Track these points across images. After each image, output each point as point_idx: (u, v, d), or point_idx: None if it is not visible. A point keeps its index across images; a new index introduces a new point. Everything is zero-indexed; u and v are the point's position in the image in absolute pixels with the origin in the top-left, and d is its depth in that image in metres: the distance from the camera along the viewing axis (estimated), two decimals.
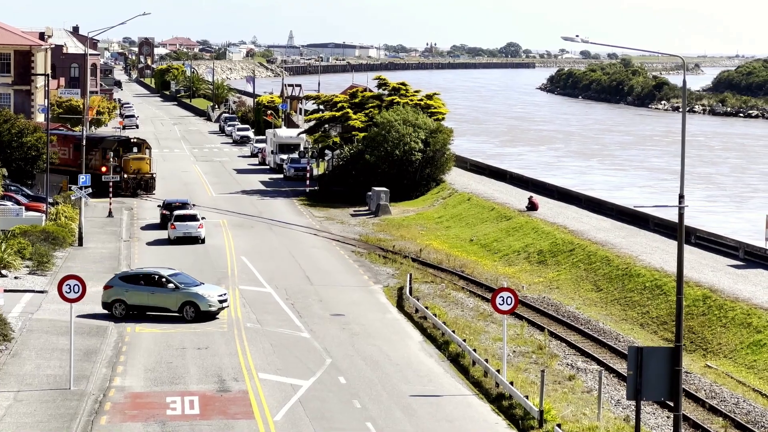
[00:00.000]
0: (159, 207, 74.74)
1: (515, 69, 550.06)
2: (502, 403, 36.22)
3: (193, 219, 66.74)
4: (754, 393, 39.57)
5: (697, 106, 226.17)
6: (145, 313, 46.99)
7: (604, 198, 76.87)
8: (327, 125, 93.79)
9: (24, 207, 67.62)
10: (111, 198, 76.37)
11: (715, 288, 49.48)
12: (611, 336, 47.41)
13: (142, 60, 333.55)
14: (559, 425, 32.73)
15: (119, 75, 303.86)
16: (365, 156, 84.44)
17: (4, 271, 54.04)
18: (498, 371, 37.68)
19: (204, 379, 38.02)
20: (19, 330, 43.49)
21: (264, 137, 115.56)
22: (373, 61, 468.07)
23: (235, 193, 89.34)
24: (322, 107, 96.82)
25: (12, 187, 74.62)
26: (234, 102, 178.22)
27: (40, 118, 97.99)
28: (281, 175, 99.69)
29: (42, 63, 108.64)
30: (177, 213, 67.75)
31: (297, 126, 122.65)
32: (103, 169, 76.60)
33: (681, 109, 31.43)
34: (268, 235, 70.00)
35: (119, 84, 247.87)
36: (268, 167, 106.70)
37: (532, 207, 72.79)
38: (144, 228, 71.48)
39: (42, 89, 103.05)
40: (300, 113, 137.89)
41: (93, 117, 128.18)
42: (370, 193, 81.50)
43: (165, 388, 36.96)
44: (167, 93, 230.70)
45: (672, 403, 31.12)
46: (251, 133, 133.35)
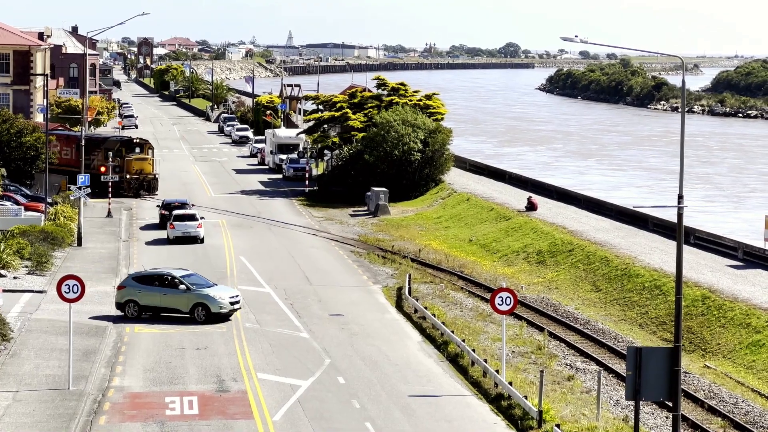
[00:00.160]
0: (158, 207, 74.76)
1: (514, 69, 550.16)
2: (501, 403, 36.21)
3: (192, 219, 66.76)
4: (752, 393, 39.57)
5: (696, 106, 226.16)
6: (159, 315, 46.70)
7: (603, 198, 76.88)
8: (326, 125, 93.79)
9: (23, 207, 67.64)
10: (110, 198, 76.38)
11: (714, 288, 49.48)
12: (610, 336, 47.41)
13: (141, 60, 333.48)
14: (558, 425, 32.73)
15: (118, 75, 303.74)
16: (364, 156, 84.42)
17: (3, 271, 54.01)
18: (497, 371, 37.67)
19: (203, 379, 38.01)
20: (18, 330, 43.48)
21: (263, 137, 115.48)
22: (372, 62, 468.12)
23: (234, 193, 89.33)
24: (321, 107, 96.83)
25: (11, 187, 74.63)
26: (233, 102, 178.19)
27: (39, 118, 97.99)
28: (280, 175, 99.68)
29: (41, 63, 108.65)
30: (176, 213, 67.75)
31: (296, 126, 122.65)
32: (102, 169, 76.61)
33: (680, 110, 31.49)
34: (267, 235, 70.00)
35: (118, 84, 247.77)
36: (267, 167, 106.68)
37: (531, 207, 72.78)
38: (143, 228, 71.46)
39: (41, 89, 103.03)
40: (299, 113, 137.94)
41: (93, 117, 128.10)
42: (369, 194, 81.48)
43: (164, 388, 36.95)
44: (166, 93, 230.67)
45: (671, 404, 31.14)
46: (250, 134, 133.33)
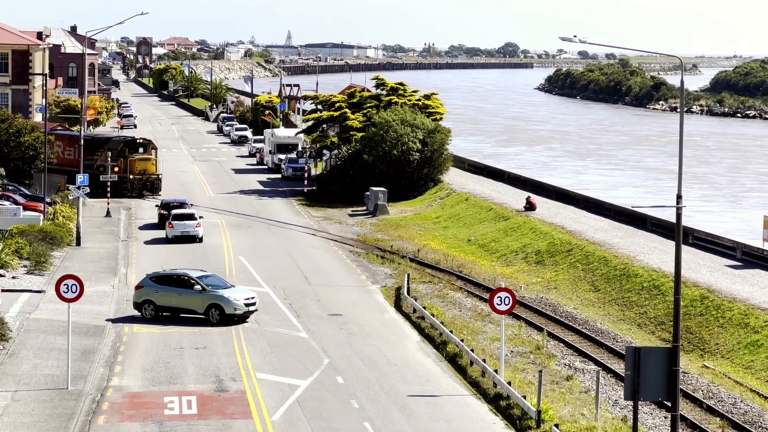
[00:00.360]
0: (157, 207, 74.77)
1: (513, 69, 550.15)
2: (499, 403, 36.20)
3: (191, 218, 66.78)
4: (751, 393, 39.59)
5: (695, 106, 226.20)
6: (179, 316, 46.46)
7: (601, 198, 76.90)
8: (325, 125, 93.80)
9: (22, 207, 67.63)
10: (109, 197, 76.40)
11: (713, 288, 49.50)
12: (609, 336, 47.42)
13: (140, 60, 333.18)
14: (557, 425, 32.73)
15: (117, 75, 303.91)
16: (363, 156, 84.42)
17: (1, 271, 54.01)
18: (496, 371, 37.66)
19: (202, 379, 38.01)
20: (17, 330, 43.46)
21: (262, 137, 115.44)
22: (371, 61, 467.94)
23: (233, 193, 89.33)
24: (320, 107, 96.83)
25: (10, 187, 74.61)
26: (232, 102, 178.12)
27: (37, 117, 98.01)
28: (279, 175, 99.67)
29: (40, 62, 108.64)
30: (175, 212, 67.76)
31: (295, 126, 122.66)
32: (116, 169, 78.13)
33: (679, 110, 31.50)
34: (266, 235, 69.99)
35: (117, 84, 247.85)
36: (266, 167, 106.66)
37: (529, 207, 72.77)
38: (142, 228, 71.45)
39: (40, 89, 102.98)
40: (298, 113, 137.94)
41: (92, 117, 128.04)
42: (368, 193, 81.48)
43: (163, 388, 36.94)
44: (165, 93, 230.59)
45: (669, 403, 31.15)
46: (249, 133, 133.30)
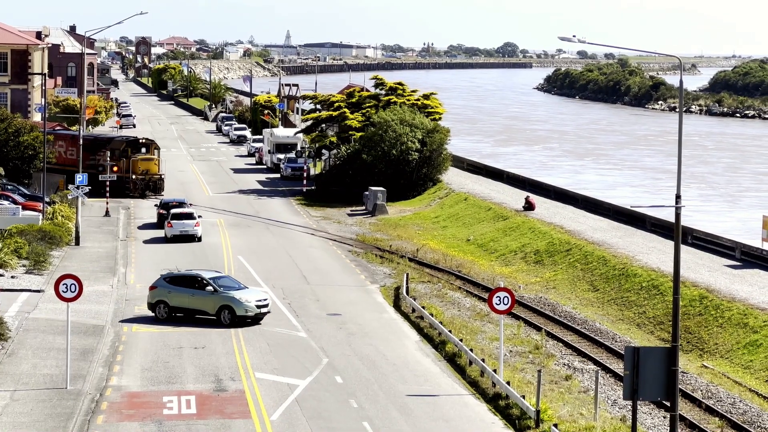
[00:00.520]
0: (156, 206, 74.76)
1: (512, 69, 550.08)
2: (498, 403, 36.20)
3: (190, 217, 66.80)
4: (750, 393, 39.60)
5: (694, 106, 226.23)
6: (194, 317, 46.20)
7: (600, 198, 76.90)
8: (324, 125, 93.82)
9: (21, 206, 67.63)
10: (108, 197, 76.40)
11: (712, 288, 49.50)
12: (608, 336, 47.42)
13: (139, 59, 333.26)
14: (556, 425, 32.73)
15: (116, 74, 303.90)
16: (362, 156, 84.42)
17: (0, 271, 54.02)
18: (495, 371, 37.66)
19: (201, 379, 38.01)
20: (16, 329, 43.46)
21: (261, 137, 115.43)
22: (370, 61, 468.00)
23: (232, 193, 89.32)
24: (319, 107, 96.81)
25: (9, 186, 74.62)
26: (231, 101, 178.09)
27: (37, 117, 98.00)
28: (278, 175, 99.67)
29: (39, 62, 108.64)
30: (174, 211, 67.77)
31: (294, 125, 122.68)
32: (115, 169, 78.18)
33: (678, 110, 31.51)
34: (265, 235, 70.00)
35: (116, 83, 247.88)
36: (265, 167, 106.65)
37: (528, 207, 72.77)
38: (141, 227, 71.46)
39: (39, 88, 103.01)
40: (297, 113, 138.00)
41: (91, 116, 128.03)
42: (367, 193, 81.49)
43: (162, 387, 36.94)
44: (164, 92, 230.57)
45: (668, 403, 31.15)
46: (248, 133, 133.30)
